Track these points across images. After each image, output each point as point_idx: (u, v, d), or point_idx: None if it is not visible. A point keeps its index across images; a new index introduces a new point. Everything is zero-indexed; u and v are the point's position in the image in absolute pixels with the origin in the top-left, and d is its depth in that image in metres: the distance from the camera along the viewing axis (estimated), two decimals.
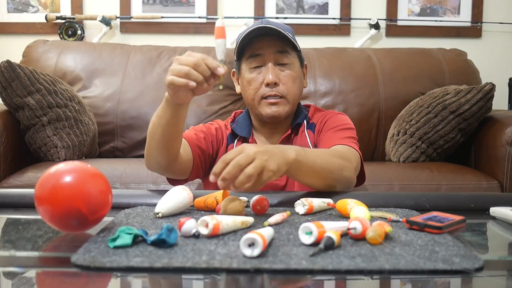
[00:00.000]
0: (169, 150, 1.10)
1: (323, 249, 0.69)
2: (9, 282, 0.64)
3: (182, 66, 0.94)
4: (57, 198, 0.73)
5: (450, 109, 2.06)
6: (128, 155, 2.31)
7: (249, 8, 2.76)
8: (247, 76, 1.30)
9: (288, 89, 1.28)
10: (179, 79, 0.94)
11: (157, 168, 1.17)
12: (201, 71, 0.94)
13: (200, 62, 0.94)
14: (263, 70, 1.28)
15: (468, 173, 1.97)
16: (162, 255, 0.67)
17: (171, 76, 0.95)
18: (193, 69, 0.93)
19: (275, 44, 1.28)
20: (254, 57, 1.29)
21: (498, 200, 1.00)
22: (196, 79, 0.93)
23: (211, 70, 0.95)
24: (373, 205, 0.96)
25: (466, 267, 0.64)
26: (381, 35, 2.80)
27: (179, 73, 0.94)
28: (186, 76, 0.93)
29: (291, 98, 1.29)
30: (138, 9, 2.75)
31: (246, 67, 1.30)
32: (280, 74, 1.28)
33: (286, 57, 1.29)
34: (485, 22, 2.78)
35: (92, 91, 2.35)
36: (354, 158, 1.16)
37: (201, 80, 0.94)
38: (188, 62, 0.94)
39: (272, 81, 1.26)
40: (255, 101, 1.29)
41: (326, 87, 2.39)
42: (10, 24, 2.74)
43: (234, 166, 0.86)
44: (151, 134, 1.10)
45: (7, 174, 1.90)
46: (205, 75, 0.94)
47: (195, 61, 0.94)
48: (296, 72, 1.31)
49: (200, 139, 1.27)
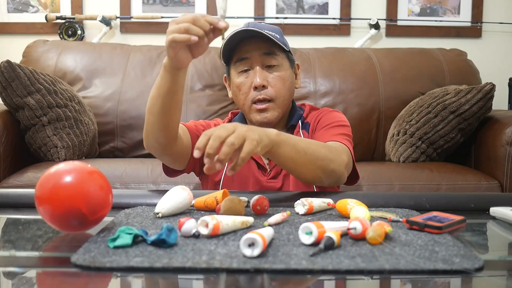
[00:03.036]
0: (169, 123, 1.09)
1: (323, 249, 0.69)
2: (9, 282, 0.64)
3: (180, 24, 0.93)
4: (57, 198, 0.73)
5: (450, 109, 2.06)
6: (128, 155, 2.31)
7: (249, 8, 2.76)
8: (236, 81, 1.29)
9: (277, 91, 1.27)
10: (180, 35, 0.93)
11: (155, 148, 1.15)
12: (200, 25, 0.93)
13: (198, 17, 0.93)
14: (251, 74, 1.27)
15: (468, 173, 1.97)
16: (162, 255, 0.67)
17: (171, 35, 0.94)
18: (193, 24, 0.93)
19: (261, 46, 1.26)
20: (241, 61, 1.28)
21: (498, 200, 1.00)
22: (197, 33, 0.92)
23: (212, 25, 0.94)
24: (373, 205, 0.97)
25: (466, 267, 0.64)
26: (381, 35, 2.80)
27: (179, 29, 0.93)
28: (187, 32, 0.92)
29: (281, 101, 1.28)
30: (138, 9, 2.76)
31: (235, 72, 1.30)
32: (268, 76, 1.27)
33: (273, 58, 1.27)
34: (485, 22, 2.78)
35: (92, 91, 2.35)
36: (345, 154, 1.15)
37: (202, 34, 0.93)
38: (186, 19, 0.93)
39: (259, 84, 1.25)
40: (245, 106, 1.29)
41: (326, 87, 2.39)
42: (10, 24, 2.74)
43: (214, 139, 0.86)
44: (150, 108, 1.09)
45: (7, 174, 1.90)
46: (205, 29, 0.94)
47: (193, 16, 0.93)
48: (286, 73, 1.29)
49: (199, 130, 1.26)
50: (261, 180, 1.27)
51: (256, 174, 1.28)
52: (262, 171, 1.29)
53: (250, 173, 1.28)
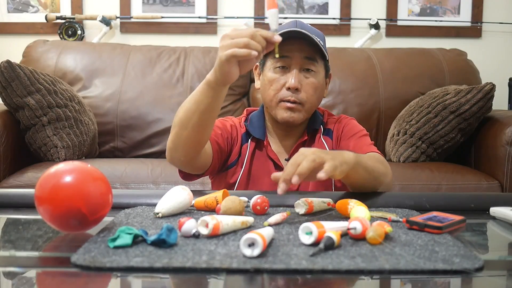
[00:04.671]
0: (202, 138, 1.09)
1: (323, 249, 0.69)
2: (9, 282, 0.64)
3: (239, 39, 0.93)
4: (57, 198, 0.73)
5: (450, 109, 2.06)
6: (128, 155, 2.31)
7: (249, 8, 2.76)
8: (270, 75, 1.27)
9: (308, 97, 1.26)
10: (240, 50, 0.92)
11: (181, 161, 1.14)
12: (258, 41, 0.93)
13: (255, 33, 0.93)
14: (287, 73, 1.26)
15: (468, 173, 1.97)
16: (162, 255, 0.67)
17: (231, 49, 0.93)
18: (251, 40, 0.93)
19: (304, 49, 1.24)
20: (281, 58, 1.25)
21: (498, 200, 1.00)
22: (256, 49, 0.92)
23: (267, 40, 0.94)
24: (373, 205, 0.96)
25: (466, 267, 0.64)
26: (381, 35, 2.80)
27: (238, 44, 0.92)
28: (246, 47, 0.92)
29: (309, 107, 1.27)
30: (138, 9, 2.75)
31: (271, 66, 1.27)
32: (304, 80, 1.25)
33: (313, 64, 1.26)
34: (485, 22, 2.78)
35: (92, 91, 2.35)
36: (387, 164, 1.19)
37: (261, 49, 0.93)
38: (244, 34, 0.93)
39: (294, 86, 1.23)
40: (273, 102, 1.27)
41: None
42: (10, 24, 2.74)
43: (292, 165, 0.89)
44: (184, 122, 1.07)
45: (7, 174, 1.90)
46: (263, 45, 0.94)
47: (251, 32, 0.93)
48: (319, 81, 1.28)
49: (217, 135, 1.24)
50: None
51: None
52: (279, 171, 1.28)
53: (266, 173, 1.27)
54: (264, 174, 1.27)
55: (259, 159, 1.29)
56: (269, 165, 1.28)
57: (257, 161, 1.28)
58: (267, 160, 1.28)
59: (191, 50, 2.49)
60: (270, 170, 1.27)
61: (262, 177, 1.27)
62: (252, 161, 1.28)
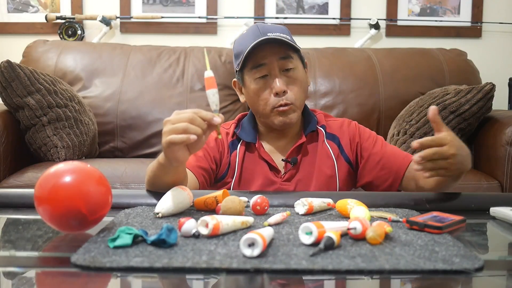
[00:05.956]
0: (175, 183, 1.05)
1: (323, 249, 0.69)
2: (9, 282, 0.64)
3: (177, 124, 0.90)
4: (57, 198, 0.73)
5: (450, 109, 2.06)
6: (128, 155, 2.31)
7: (249, 8, 2.76)
8: (254, 87, 1.26)
9: (296, 95, 1.26)
10: (178, 136, 0.89)
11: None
12: (197, 125, 0.90)
13: (194, 116, 0.91)
14: (269, 79, 1.26)
15: (468, 173, 1.94)
16: (162, 255, 0.67)
17: (169, 136, 0.91)
18: (190, 124, 0.90)
19: (276, 51, 1.24)
20: (258, 68, 1.25)
21: (498, 200, 1.00)
22: (195, 132, 0.89)
23: (207, 121, 0.92)
24: (373, 205, 0.96)
25: (466, 267, 0.64)
26: (381, 35, 2.80)
27: (177, 130, 0.90)
28: (185, 132, 0.89)
29: (299, 103, 1.28)
30: (138, 9, 2.75)
31: (251, 78, 1.27)
32: (287, 81, 1.26)
33: (290, 62, 1.25)
34: (485, 22, 2.78)
35: (92, 91, 2.35)
36: None
37: (200, 133, 0.90)
38: (182, 119, 0.90)
39: (281, 90, 1.23)
40: (265, 111, 1.26)
41: (326, 87, 2.39)
42: (10, 24, 2.74)
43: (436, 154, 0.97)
44: (154, 184, 1.06)
45: (7, 174, 1.90)
46: (203, 128, 0.91)
47: (189, 116, 0.90)
48: (301, 75, 1.28)
49: (200, 160, 1.24)
50: (275, 181, 1.27)
51: (269, 175, 1.27)
52: (274, 172, 1.28)
53: (258, 174, 1.27)
54: (256, 175, 1.28)
55: (250, 162, 1.29)
56: (262, 166, 1.29)
57: (249, 164, 1.29)
58: (260, 161, 1.29)
59: (191, 50, 2.49)
60: (263, 171, 1.28)
61: (254, 179, 1.28)
62: (243, 164, 1.29)
